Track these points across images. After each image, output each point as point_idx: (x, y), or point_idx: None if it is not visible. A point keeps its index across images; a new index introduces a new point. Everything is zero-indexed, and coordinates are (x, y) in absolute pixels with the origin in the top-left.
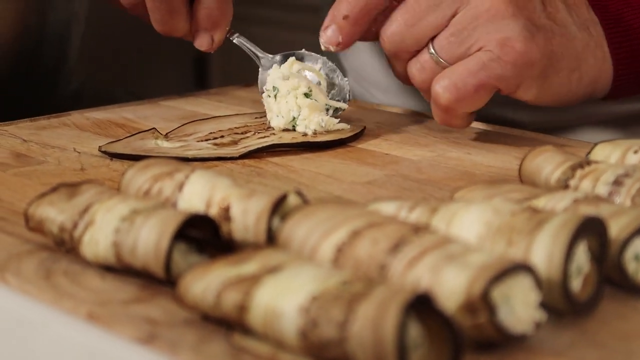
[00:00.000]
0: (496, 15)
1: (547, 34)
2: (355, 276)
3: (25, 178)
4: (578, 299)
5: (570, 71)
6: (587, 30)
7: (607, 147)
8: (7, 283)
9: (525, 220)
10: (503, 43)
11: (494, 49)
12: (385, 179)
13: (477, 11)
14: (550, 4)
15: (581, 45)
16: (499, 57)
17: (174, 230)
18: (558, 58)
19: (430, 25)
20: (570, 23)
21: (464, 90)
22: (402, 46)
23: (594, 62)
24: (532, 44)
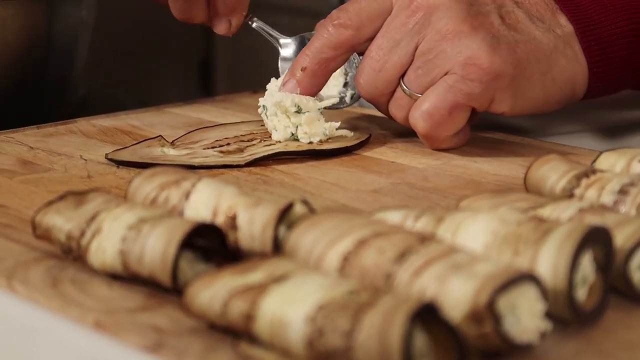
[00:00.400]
0: (454, 37)
1: (509, 43)
2: (362, 285)
3: (32, 185)
4: (583, 308)
5: (542, 75)
6: (553, 32)
7: (612, 155)
8: (15, 291)
9: (531, 230)
10: (465, 62)
11: (458, 71)
12: (391, 187)
13: (435, 39)
14: (508, 16)
15: (548, 47)
16: (464, 76)
17: (181, 239)
18: (525, 65)
19: (395, 65)
20: (533, 29)
21: (437, 116)
22: (376, 92)
23: (565, 62)
24: (495, 57)
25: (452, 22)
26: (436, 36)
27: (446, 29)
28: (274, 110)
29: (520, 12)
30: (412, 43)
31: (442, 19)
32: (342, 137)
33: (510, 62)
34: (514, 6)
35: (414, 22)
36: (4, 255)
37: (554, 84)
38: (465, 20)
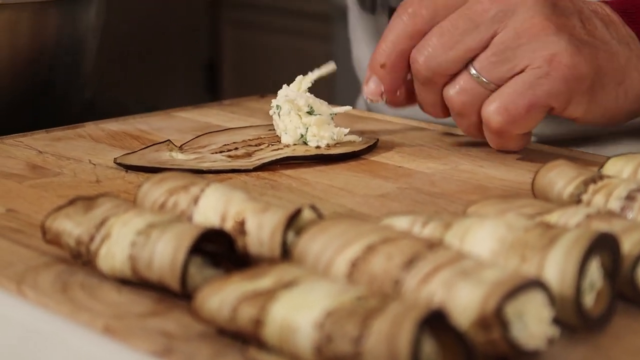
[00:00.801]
0: (539, 33)
1: (592, 48)
2: (370, 291)
3: (42, 190)
4: (591, 314)
5: (616, 85)
6: (627, 45)
7: (619, 161)
8: (25, 296)
9: (538, 236)
10: (550, 59)
11: (542, 66)
12: (398, 192)
13: (517, 31)
14: (588, 22)
15: (624, 59)
16: (548, 73)
17: (190, 244)
18: (604, 72)
19: (469, 47)
20: (610, 39)
21: (515, 112)
22: (438, 70)
23: (637, 75)
24: (580, 58)
25: (538, 17)
26: (520, 28)
27: (532, 22)
28: (287, 109)
29: (598, 21)
30: (491, 30)
31: (528, 12)
32: (349, 142)
33: (592, 67)
34: (591, 14)
35: (497, 10)
36: (13, 260)
37: (626, 96)
38: (551, 18)
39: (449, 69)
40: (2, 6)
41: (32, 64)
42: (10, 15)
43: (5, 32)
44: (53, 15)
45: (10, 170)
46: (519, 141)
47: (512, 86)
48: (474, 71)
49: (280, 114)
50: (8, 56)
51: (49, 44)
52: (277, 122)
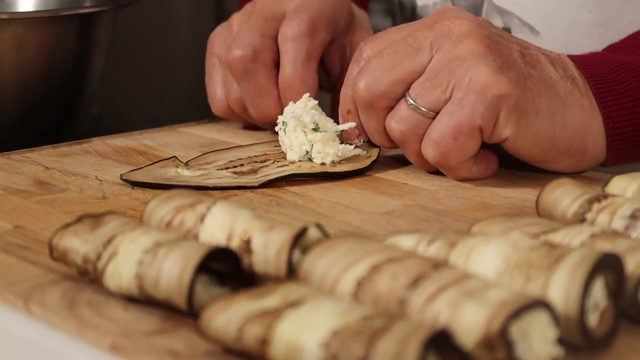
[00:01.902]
0: (467, 54)
1: (521, 73)
2: (376, 311)
3: (48, 206)
4: (595, 334)
5: (552, 114)
6: (572, 80)
7: (623, 180)
8: (32, 313)
9: (543, 255)
10: (470, 78)
11: (462, 87)
12: (403, 210)
13: (449, 55)
14: (529, 55)
15: (564, 91)
16: (467, 93)
17: (197, 263)
18: (534, 95)
19: (407, 70)
20: (552, 71)
21: (444, 144)
22: (377, 93)
23: (579, 110)
24: (501, 76)
25: (471, 40)
26: (452, 52)
27: (462, 46)
28: (293, 126)
29: (543, 57)
30: (428, 56)
31: (462, 37)
32: (355, 156)
33: (516, 86)
34: (538, 52)
35: (436, 37)
36: (21, 277)
37: (564, 128)
38: (484, 41)
39: (388, 92)
40: (10, 21)
41: (40, 78)
42: (18, 30)
43: (13, 47)
44: (60, 30)
45: (17, 186)
46: (470, 170)
47: (439, 118)
48: (410, 99)
49: (286, 130)
50: (16, 71)
51: (57, 59)
52: (283, 138)
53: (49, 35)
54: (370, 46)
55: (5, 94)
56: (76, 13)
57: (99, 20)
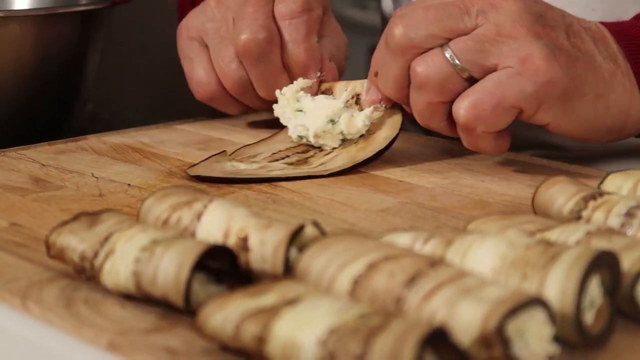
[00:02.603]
0: (518, 35)
1: (570, 57)
2: (372, 309)
3: (45, 204)
4: (591, 331)
5: (597, 97)
6: (615, 61)
7: (618, 177)
8: (29, 311)
9: (539, 253)
10: (524, 59)
11: (515, 65)
12: (399, 207)
13: (499, 29)
14: (574, 36)
15: (608, 73)
16: (519, 72)
17: (194, 261)
18: (582, 81)
19: (450, 28)
20: (596, 53)
21: (481, 109)
22: (414, 41)
23: (622, 91)
24: (554, 62)
25: (519, 22)
26: (501, 27)
27: (512, 25)
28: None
29: (586, 36)
30: (474, 21)
31: (511, 16)
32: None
33: (567, 73)
34: (580, 28)
35: (484, 5)
36: (18, 275)
37: (607, 110)
38: (531, 26)
39: (424, 42)
40: (7, 19)
41: (36, 76)
42: (15, 28)
43: (10, 45)
44: (56, 28)
45: (14, 183)
46: (490, 142)
47: (483, 83)
48: (448, 52)
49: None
50: (12, 68)
51: (53, 56)
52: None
53: (45, 33)
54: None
55: (2, 91)
56: (72, 11)
57: (95, 18)
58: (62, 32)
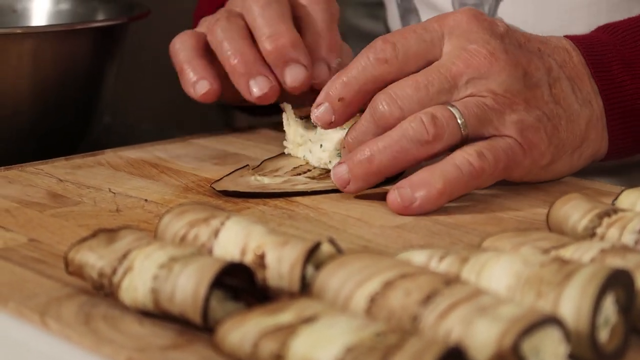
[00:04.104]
0: (513, 105)
1: (554, 120)
2: (389, 327)
3: (63, 219)
4: (605, 349)
5: (573, 151)
6: (589, 103)
7: (633, 194)
8: (48, 327)
9: (554, 271)
10: (521, 132)
11: (517, 137)
12: (414, 223)
13: (495, 97)
14: (555, 84)
15: (584, 122)
16: (521, 145)
17: (212, 279)
18: (564, 143)
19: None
20: (574, 101)
21: (494, 167)
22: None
23: (594, 136)
24: (544, 135)
25: (507, 92)
26: (493, 96)
27: (503, 96)
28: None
29: (565, 80)
30: (464, 93)
31: (499, 85)
32: None
33: (553, 142)
34: (559, 71)
35: (472, 75)
36: (37, 291)
37: (579, 158)
38: (521, 93)
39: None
40: (25, 35)
41: (54, 91)
42: (32, 44)
43: (28, 61)
44: (74, 44)
45: (32, 198)
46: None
47: (493, 143)
48: (455, 110)
49: None
50: (30, 84)
51: (70, 72)
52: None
53: (62, 49)
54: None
55: (20, 106)
56: (89, 27)
57: (112, 34)
58: (80, 48)
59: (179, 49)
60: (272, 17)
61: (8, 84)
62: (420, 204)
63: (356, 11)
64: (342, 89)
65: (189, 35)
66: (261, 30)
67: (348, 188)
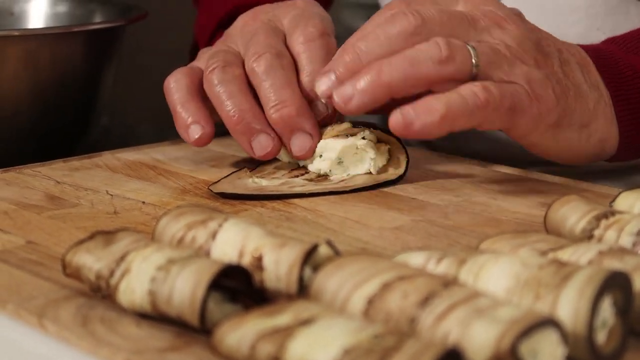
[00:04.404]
0: (524, 59)
1: (564, 87)
2: (387, 329)
3: (60, 221)
4: (603, 351)
5: (581, 126)
6: (597, 89)
7: (631, 196)
8: (46, 329)
9: (551, 273)
10: (529, 84)
11: (525, 85)
12: (412, 225)
13: (508, 48)
14: (565, 64)
15: (593, 102)
16: (528, 93)
17: (209, 281)
18: (572, 111)
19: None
20: (583, 82)
21: (499, 102)
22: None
23: (603, 121)
24: (551, 92)
25: (520, 47)
26: (506, 46)
27: (517, 49)
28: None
29: (574, 63)
30: (479, 36)
31: (513, 38)
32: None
33: (560, 103)
34: (569, 56)
35: (489, 24)
36: (34, 293)
37: (588, 139)
38: (531, 53)
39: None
40: (22, 38)
41: (52, 92)
42: (30, 47)
43: (26, 63)
44: (71, 46)
45: (29, 201)
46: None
47: (502, 84)
48: (472, 49)
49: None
50: (28, 85)
51: (68, 74)
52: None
53: (60, 51)
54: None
55: (18, 107)
56: (87, 29)
57: (110, 36)
58: (77, 50)
59: (173, 88)
60: (277, 83)
61: (6, 86)
62: (422, 125)
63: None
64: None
65: (184, 74)
66: (267, 98)
67: (350, 104)
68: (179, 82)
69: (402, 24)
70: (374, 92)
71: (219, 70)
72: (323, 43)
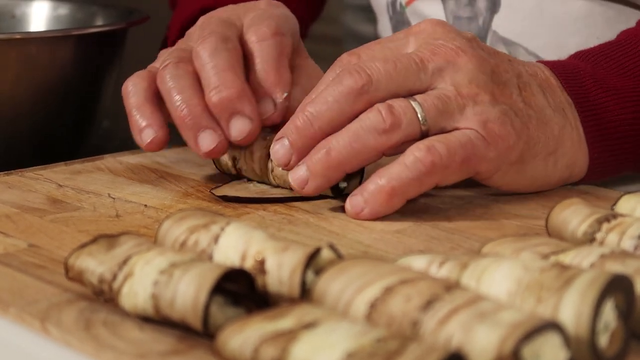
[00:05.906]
0: (477, 97)
1: (524, 118)
2: (389, 333)
3: (62, 225)
4: (605, 355)
5: (547, 155)
6: (563, 112)
7: (632, 199)
8: (48, 333)
9: (554, 277)
10: (484, 124)
11: (479, 129)
12: (414, 228)
13: (458, 89)
14: (525, 88)
15: (557, 127)
16: (483, 137)
17: (212, 284)
18: (535, 142)
19: (411, 85)
20: (546, 106)
21: (448, 160)
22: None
23: (570, 144)
24: (511, 128)
25: (472, 84)
26: (456, 88)
27: (468, 88)
28: None
29: (535, 86)
30: (431, 80)
31: (465, 75)
32: None
33: (521, 137)
34: (530, 78)
35: (438, 64)
36: (37, 297)
37: (555, 166)
38: (486, 87)
39: (382, 96)
40: (23, 41)
41: (53, 96)
42: (31, 50)
43: (27, 66)
44: (72, 50)
45: (31, 204)
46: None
47: (448, 137)
48: (416, 104)
49: None
50: (29, 89)
51: (69, 77)
52: None
53: (61, 54)
54: (363, 52)
55: (19, 110)
56: (88, 32)
57: (111, 39)
58: (79, 53)
59: (131, 92)
60: (220, 65)
61: (7, 89)
62: (371, 211)
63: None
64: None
65: (142, 77)
66: (208, 80)
67: (307, 187)
68: (137, 86)
69: (349, 84)
70: (326, 173)
71: (171, 66)
72: (275, 42)
